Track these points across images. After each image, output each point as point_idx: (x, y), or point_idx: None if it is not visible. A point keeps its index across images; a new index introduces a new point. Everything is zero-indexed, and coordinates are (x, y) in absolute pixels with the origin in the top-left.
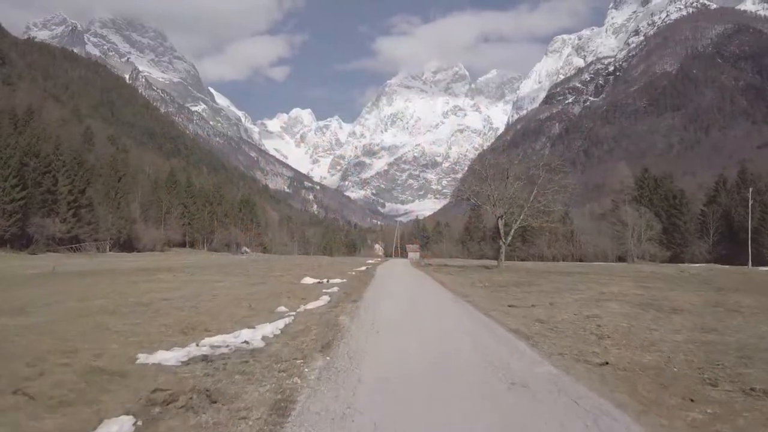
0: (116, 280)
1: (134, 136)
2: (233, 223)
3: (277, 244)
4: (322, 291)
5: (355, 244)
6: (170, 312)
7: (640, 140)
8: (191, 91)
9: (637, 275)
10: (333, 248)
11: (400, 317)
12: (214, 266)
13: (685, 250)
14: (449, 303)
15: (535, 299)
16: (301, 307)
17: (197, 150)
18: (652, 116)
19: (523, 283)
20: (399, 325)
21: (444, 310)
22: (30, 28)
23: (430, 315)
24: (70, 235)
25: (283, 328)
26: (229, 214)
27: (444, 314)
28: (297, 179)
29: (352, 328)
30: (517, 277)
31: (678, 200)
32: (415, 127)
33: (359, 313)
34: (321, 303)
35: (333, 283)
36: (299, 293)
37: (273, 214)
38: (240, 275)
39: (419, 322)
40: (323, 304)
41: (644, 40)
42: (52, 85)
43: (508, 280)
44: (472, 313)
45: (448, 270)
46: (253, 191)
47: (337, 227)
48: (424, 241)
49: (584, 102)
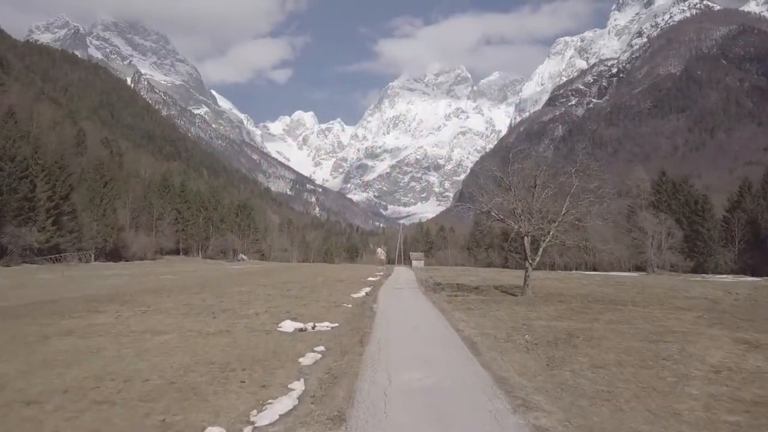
0: (18, 332)
1: (133, 138)
2: (230, 229)
3: (277, 249)
4: (299, 363)
5: (356, 248)
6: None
7: (645, 142)
8: (193, 94)
9: (692, 303)
10: (334, 253)
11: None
12: (194, 286)
13: (708, 260)
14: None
15: (625, 388)
16: (253, 413)
17: (198, 153)
18: (657, 118)
19: (576, 334)
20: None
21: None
22: (33, 31)
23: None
24: (49, 244)
25: None
26: (226, 219)
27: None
28: (299, 182)
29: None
30: (556, 313)
31: (700, 206)
32: (417, 130)
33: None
34: (284, 406)
35: (320, 330)
36: (264, 364)
37: (274, 218)
38: (203, 314)
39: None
40: (287, 409)
41: (647, 42)
42: (51, 87)
43: (551, 329)
44: None
45: (466, 300)
46: (254, 194)
47: (339, 230)
48: (428, 246)
49: (587, 104)
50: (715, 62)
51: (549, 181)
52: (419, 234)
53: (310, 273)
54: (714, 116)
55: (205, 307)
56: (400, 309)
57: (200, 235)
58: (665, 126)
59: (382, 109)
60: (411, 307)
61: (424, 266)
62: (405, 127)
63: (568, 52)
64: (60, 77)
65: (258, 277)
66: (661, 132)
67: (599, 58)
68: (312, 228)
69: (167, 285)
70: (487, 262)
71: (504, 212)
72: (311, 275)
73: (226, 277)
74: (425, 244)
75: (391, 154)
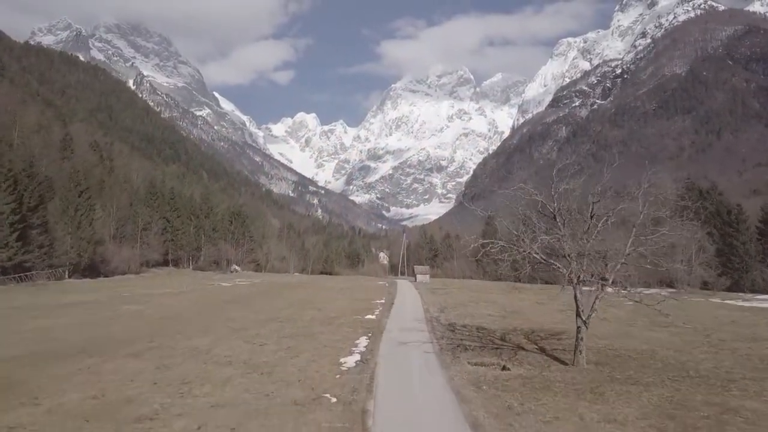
0: None
1: (131, 141)
2: (223, 238)
3: (274, 257)
4: None
5: (358, 254)
6: None
7: (651, 144)
8: (196, 96)
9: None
10: (334, 261)
11: None
12: (143, 336)
13: (744, 277)
14: None
15: None
16: None
17: (198, 155)
18: (662, 119)
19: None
20: None
21: None
22: (35, 33)
23: None
24: (13, 262)
25: None
26: (219, 227)
27: None
28: (301, 183)
29: None
30: (642, 416)
31: (734, 216)
32: (419, 131)
33: None
34: None
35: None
36: None
37: (274, 222)
38: None
39: None
40: None
41: (652, 43)
42: (48, 89)
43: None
44: None
45: (499, 380)
46: (255, 197)
47: (340, 234)
48: (432, 254)
49: (591, 105)
50: (721, 63)
51: (609, 206)
52: (423, 240)
53: (300, 302)
54: (720, 117)
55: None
56: (408, 403)
57: (191, 245)
58: (671, 127)
59: (385, 110)
60: (421, 402)
61: (429, 280)
62: (407, 128)
63: (571, 53)
64: (58, 79)
65: (233, 310)
66: (667, 133)
67: (603, 59)
68: (313, 232)
69: (111, 332)
70: (496, 276)
71: (547, 251)
72: (299, 307)
73: (194, 314)
74: (429, 252)
75: (393, 156)
